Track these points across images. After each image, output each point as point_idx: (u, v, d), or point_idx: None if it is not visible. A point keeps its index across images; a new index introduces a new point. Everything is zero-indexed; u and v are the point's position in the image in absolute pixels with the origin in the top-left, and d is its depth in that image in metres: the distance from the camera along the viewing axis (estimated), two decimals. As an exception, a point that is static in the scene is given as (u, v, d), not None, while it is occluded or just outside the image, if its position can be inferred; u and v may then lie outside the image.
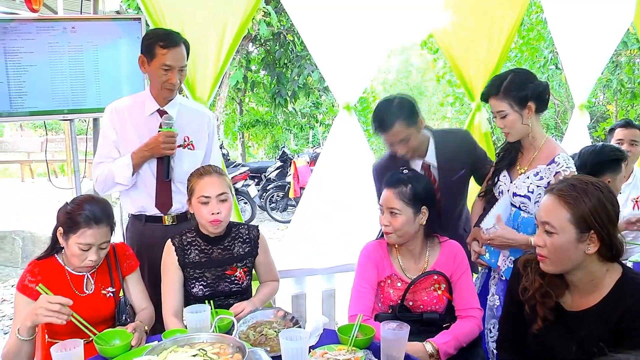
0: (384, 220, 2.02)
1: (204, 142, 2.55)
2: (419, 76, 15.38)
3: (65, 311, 1.67)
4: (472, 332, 1.98)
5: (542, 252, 1.55)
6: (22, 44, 2.99)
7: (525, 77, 2.10)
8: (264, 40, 8.57)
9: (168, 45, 2.29)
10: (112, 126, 2.43)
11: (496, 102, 2.09)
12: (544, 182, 2.07)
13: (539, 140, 2.14)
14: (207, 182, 2.07)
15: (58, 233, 1.92)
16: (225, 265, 2.16)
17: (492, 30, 3.53)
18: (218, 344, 1.53)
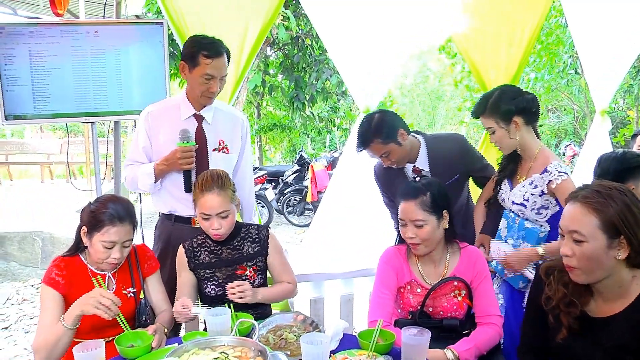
0: (409, 233, 1.96)
1: (238, 145, 2.57)
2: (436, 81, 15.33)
3: (114, 309, 1.72)
4: (493, 339, 1.95)
5: (571, 262, 1.49)
6: (46, 47, 3.04)
7: (510, 94, 2.19)
8: (282, 44, 8.61)
9: (212, 55, 2.29)
10: (146, 131, 2.45)
11: (484, 120, 2.22)
12: (537, 191, 2.18)
13: (532, 151, 2.23)
14: (208, 199, 2.06)
15: (82, 232, 1.94)
16: (235, 265, 2.18)
17: (512, 34, 3.51)
18: (239, 347, 1.53)
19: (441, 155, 2.49)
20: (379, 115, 2.44)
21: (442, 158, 2.49)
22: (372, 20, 3.19)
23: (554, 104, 12.04)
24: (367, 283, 2.99)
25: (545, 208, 2.23)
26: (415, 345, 1.62)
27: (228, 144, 2.52)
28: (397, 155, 2.43)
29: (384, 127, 2.38)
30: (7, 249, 5.67)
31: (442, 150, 2.50)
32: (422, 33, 3.42)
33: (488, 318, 1.98)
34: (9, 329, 4.28)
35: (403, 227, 1.99)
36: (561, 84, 10.18)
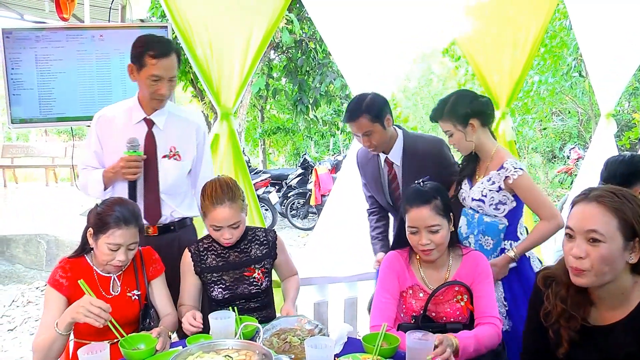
0: (423, 239, 1.93)
1: (191, 152, 2.46)
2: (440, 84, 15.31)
3: (104, 315, 1.72)
4: (492, 338, 1.91)
5: (584, 264, 1.42)
6: (52, 51, 3.06)
7: (466, 98, 2.29)
8: (286, 47, 8.62)
9: (158, 55, 2.19)
10: (97, 134, 2.38)
11: (442, 124, 2.31)
12: (495, 187, 2.27)
13: (489, 151, 2.33)
14: (219, 212, 2.06)
15: (88, 234, 1.96)
16: (242, 267, 2.18)
17: (516, 37, 3.50)
18: (244, 350, 1.53)
19: (416, 153, 2.56)
20: (372, 95, 2.51)
21: (416, 156, 2.55)
22: (375, 23, 3.19)
23: (558, 106, 12.00)
24: (371, 286, 2.99)
25: (502, 203, 2.30)
26: (420, 348, 1.61)
27: (180, 150, 2.41)
28: (379, 138, 2.48)
29: (375, 106, 2.45)
30: (12, 251, 5.69)
31: (418, 149, 2.57)
32: (425, 36, 3.43)
33: (486, 319, 1.95)
34: (14, 330, 4.30)
35: (414, 234, 1.95)
36: (565, 87, 10.14)
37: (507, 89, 3.55)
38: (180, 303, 2.19)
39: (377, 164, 2.68)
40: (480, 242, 2.34)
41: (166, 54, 2.21)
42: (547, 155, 13.77)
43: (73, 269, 1.96)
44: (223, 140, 2.97)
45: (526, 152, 13.07)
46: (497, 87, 3.56)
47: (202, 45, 2.86)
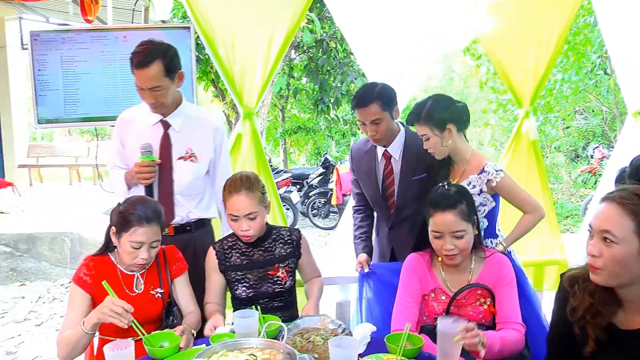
0: (447, 244, 1.91)
1: (208, 154, 2.45)
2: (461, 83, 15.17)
3: (127, 316, 1.74)
4: (517, 343, 1.88)
5: (597, 263, 1.43)
6: (77, 53, 3.11)
7: (443, 103, 2.30)
8: (306, 47, 8.63)
9: (136, 66, 2.17)
10: (118, 135, 2.42)
11: (419, 127, 2.30)
12: (476, 190, 2.28)
13: (465, 155, 2.35)
14: (235, 200, 2.08)
15: (111, 232, 1.98)
16: (267, 266, 2.19)
17: (540, 35, 3.45)
18: (268, 349, 1.53)
19: (416, 149, 2.51)
20: (382, 84, 2.49)
21: (417, 152, 2.50)
22: (397, 22, 3.18)
23: (581, 105, 11.79)
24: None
25: (482, 205, 2.32)
26: (452, 333, 1.60)
27: (196, 152, 2.40)
28: (385, 128, 2.45)
29: (386, 94, 2.43)
30: (38, 249, 5.80)
31: (418, 145, 2.51)
32: (447, 34, 3.38)
33: (510, 325, 1.92)
34: (41, 326, 4.39)
35: (438, 239, 1.93)
36: (589, 85, 9.95)
37: (531, 88, 3.50)
38: (206, 301, 2.20)
39: (373, 158, 2.63)
40: None
41: (145, 64, 2.15)
42: (570, 154, 13.56)
43: (97, 267, 1.99)
44: (245, 139, 2.98)
45: (548, 152, 12.88)
46: (520, 85, 3.51)
47: (225, 45, 2.88)
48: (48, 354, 3.79)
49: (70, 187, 10.10)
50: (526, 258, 3.34)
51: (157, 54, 2.19)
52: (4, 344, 4.03)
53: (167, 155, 2.36)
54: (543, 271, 3.46)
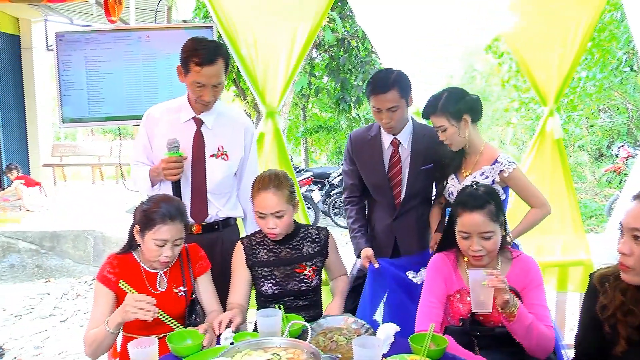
0: (475, 245, 1.89)
1: (239, 152, 2.46)
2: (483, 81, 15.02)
3: (151, 308, 1.75)
4: (547, 336, 1.84)
5: (628, 261, 1.43)
6: (100, 53, 3.14)
7: (458, 94, 2.33)
8: (328, 46, 8.62)
9: (202, 63, 2.17)
10: (146, 132, 2.40)
11: (436, 119, 2.32)
12: (489, 180, 2.33)
13: (478, 146, 2.39)
14: (263, 198, 2.09)
15: (135, 230, 2.00)
16: (294, 264, 2.20)
17: (565, 32, 3.37)
18: (292, 349, 1.53)
19: (425, 138, 2.53)
20: (399, 70, 2.48)
21: (424, 141, 2.52)
22: (419, 20, 3.16)
23: (606, 103, 11.55)
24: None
25: None
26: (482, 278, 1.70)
27: (228, 150, 2.41)
28: (400, 116, 2.44)
29: (404, 81, 2.43)
30: (62, 247, 5.91)
31: (426, 134, 2.55)
32: (469, 32, 3.35)
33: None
34: (66, 322, 4.47)
35: (465, 239, 1.91)
36: (614, 82, 9.75)
37: (555, 85, 3.43)
38: (229, 301, 2.19)
39: (379, 146, 2.57)
40: None
41: (211, 61, 2.17)
42: (594, 153, 13.31)
43: (120, 265, 2.01)
44: (268, 138, 2.99)
45: (572, 150, 12.66)
46: (544, 83, 3.44)
47: (247, 45, 2.89)
48: (72, 349, 3.86)
49: (93, 186, 10.27)
50: (550, 258, 3.30)
51: (220, 50, 2.24)
52: (31, 338, 4.12)
53: (201, 152, 2.36)
54: (567, 272, 3.38)
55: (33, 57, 9.12)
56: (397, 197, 2.56)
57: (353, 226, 2.63)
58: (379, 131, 2.57)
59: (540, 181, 3.33)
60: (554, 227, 3.33)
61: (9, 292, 5.30)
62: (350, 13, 7.80)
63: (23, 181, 7.40)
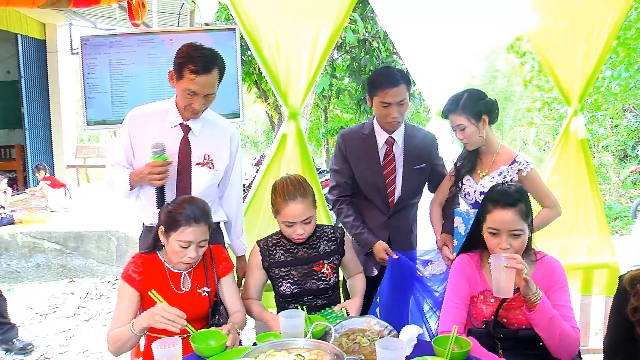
0: (504, 243, 1.87)
1: (224, 161, 2.40)
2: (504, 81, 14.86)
3: (180, 322, 1.76)
4: (571, 336, 1.82)
5: None
6: (124, 56, 3.20)
7: (478, 95, 2.39)
8: (349, 47, 8.60)
9: (197, 71, 2.10)
10: (129, 133, 2.31)
11: (456, 117, 2.37)
12: (506, 180, 2.35)
13: (494, 147, 2.44)
14: (292, 209, 2.10)
15: (159, 231, 2.02)
16: (311, 263, 2.21)
17: (590, 30, 3.31)
18: (315, 350, 1.53)
19: (415, 137, 2.59)
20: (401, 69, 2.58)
21: (416, 140, 2.58)
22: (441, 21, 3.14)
23: (631, 102, 11.30)
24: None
25: None
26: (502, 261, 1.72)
27: (214, 159, 2.34)
28: (407, 109, 2.49)
29: (408, 77, 2.50)
30: (86, 247, 6.00)
31: (417, 134, 2.62)
32: (491, 33, 3.32)
33: None
34: (89, 321, 4.55)
35: (494, 236, 1.90)
36: (640, 82, 9.54)
37: (579, 85, 3.37)
38: (247, 296, 2.25)
39: (374, 144, 2.56)
40: None
41: (206, 70, 2.11)
42: (619, 154, 13.03)
43: (145, 265, 2.03)
44: (290, 139, 3.00)
45: (596, 151, 12.43)
46: (568, 83, 3.39)
47: (270, 46, 2.91)
48: (96, 348, 3.92)
49: (115, 186, 10.39)
50: (574, 261, 3.25)
51: (217, 60, 2.17)
52: (57, 337, 4.19)
53: (187, 160, 2.30)
54: (592, 274, 3.33)
55: (58, 61, 9.30)
56: (390, 196, 2.57)
57: (355, 223, 2.56)
58: (372, 129, 2.58)
59: (564, 182, 3.29)
60: (578, 229, 3.28)
61: (35, 291, 5.41)
62: (372, 14, 7.77)
63: (49, 182, 7.54)
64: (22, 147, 9.26)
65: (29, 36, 8.44)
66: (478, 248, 2.03)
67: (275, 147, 3.07)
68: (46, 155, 9.46)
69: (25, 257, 5.97)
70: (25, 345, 3.83)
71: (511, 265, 1.73)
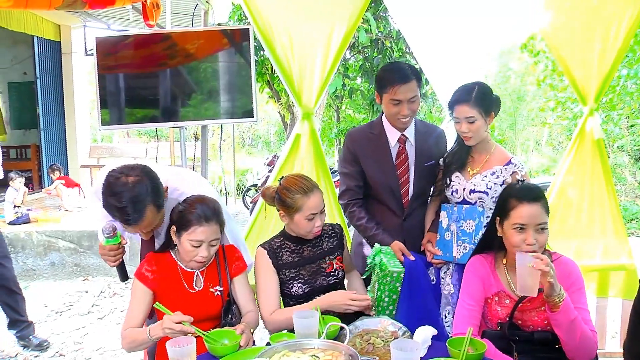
0: (531, 238, 1.84)
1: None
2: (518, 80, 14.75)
3: (189, 330, 1.78)
4: (591, 341, 1.80)
5: None
6: (138, 57, 3.21)
7: (489, 89, 2.34)
8: (361, 47, 8.57)
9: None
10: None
11: (467, 109, 2.27)
12: (499, 180, 2.31)
13: (490, 146, 2.39)
14: (313, 200, 2.11)
15: (171, 231, 2.02)
16: (318, 261, 2.22)
17: (607, 28, 3.27)
18: (330, 350, 1.53)
19: (427, 134, 2.53)
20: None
21: (427, 137, 2.52)
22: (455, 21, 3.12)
23: (648, 102, 11.16)
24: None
25: None
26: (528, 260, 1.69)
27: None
28: (417, 107, 2.40)
29: (419, 74, 2.41)
30: (99, 246, 6.05)
31: (427, 130, 2.56)
32: (504, 32, 3.29)
33: None
34: (103, 319, 4.59)
35: (520, 232, 1.86)
36: (658, 81, 9.40)
37: (595, 84, 3.33)
38: (263, 301, 2.18)
39: (385, 143, 2.48)
40: (462, 227, 2.35)
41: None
42: (635, 154, 12.86)
43: (158, 263, 2.05)
44: (304, 140, 3.00)
45: (611, 151, 12.29)
46: (583, 81, 3.35)
47: (283, 46, 2.91)
48: (110, 345, 3.96)
49: (129, 186, 10.47)
50: (590, 262, 3.20)
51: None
52: (71, 334, 4.24)
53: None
54: (608, 277, 3.29)
55: (72, 62, 9.40)
56: (404, 196, 2.49)
57: (368, 225, 2.47)
58: (382, 128, 2.48)
59: (580, 182, 3.25)
60: (594, 231, 3.24)
61: (50, 289, 5.48)
62: (384, 13, 7.74)
63: (63, 181, 7.62)
64: (37, 147, 9.37)
65: (44, 38, 8.54)
66: (492, 249, 2.01)
67: (289, 148, 3.07)
68: (61, 155, 9.56)
69: (41, 255, 6.04)
70: (42, 341, 3.90)
71: (537, 266, 1.70)
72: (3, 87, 10.10)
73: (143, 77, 3.25)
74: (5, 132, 10.10)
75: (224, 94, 3.19)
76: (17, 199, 6.63)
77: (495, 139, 14.50)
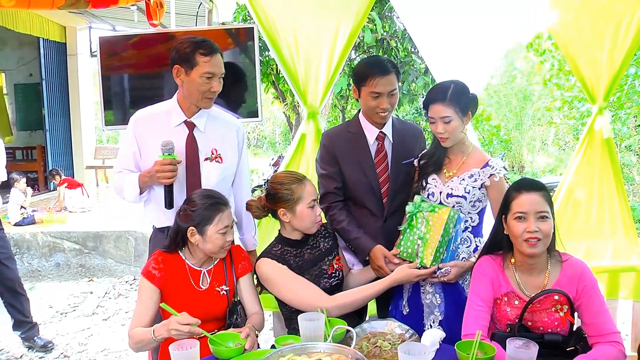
0: (532, 226, 1.82)
1: (233, 154, 2.40)
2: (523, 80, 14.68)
3: (196, 330, 1.78)
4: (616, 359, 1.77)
5: None
6: (142, 57, 3.20)
7: (465, 88, 2.23)
8: (367, 47, 8.54)
9: (209, 53, 2.17)
10: (135, 137, 2.31)
11: (443, 108, 2.17)
12: (477, 184, 2.22)
13: (467, 147, 2.29)
14: (310, 187, 2.15)
15: (189, 234, 2.00)
16: (319, 262, 2.19)
17: (617, 26, 3.23)
18: (336, 354, 1.50)
19: (403, 131, 2.47)
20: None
21: (404, 134, 2.46)
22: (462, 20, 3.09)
23: (656, 101, 11.07)
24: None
25: (479, 201, 2.25)
26: (522, 359, 1.52)
27: (221, 153, 2.34)
28: (396, 101, 2.35)
29: (397, 68, 2.36)
30: (104, 247, 6.06)
31: (404, 128, 2.50)
32: (510, 29, 3.25)
33: (606, 337, 1.80)
34: (108, 320, 4.58)
35: (521, 220, 1.84)
36: (666, 82, 9.31)
37: (605, 82, 3.29)
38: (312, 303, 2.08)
39: (364, 142, 2.41)
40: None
41: (216, 51, 2.21)
42: (643, 154, 12.78)
43: (166, 262, 2.04)
44: (310, 139, 2.99)
45: (618, 150, 12.20)
46: (592, 80, 3.31)
47: (288, 45, 2.90)
48: (114, 347, 3.94)
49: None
50: (599, 263, 3.16)
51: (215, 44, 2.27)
52: (76, 335, 4.24)
53: (195, 156, 2.30)
54: (618, 278, 3.24)
55: (78, 63, 9.43)
56: (384, 196, 2.40)
57: (348, 228, 2.35)
58: (360, 127, 2.42)
59: (589, 182, 3.21)
60: (604, 231, 3.20)
61: (55, 290, 5.48)
62: (390, 13, 7.71)
63: (66, 184, 7.63)
64: (42, 149, 9.40)
65: (50, 39, 8.57)
66: (501, 250, 1.98)
67: (294, 147, 3.06)
68: (66, 157, 9.59)
69: (46, 256, 6.06)
70: (46, 343, 3.90)
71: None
72: (9, 89, 10.14)
73: (147, 77, 3.24)
74: (11, 133, 10.15)
75: (231, 92, 3.17)
76: (25, 200, 6.66)
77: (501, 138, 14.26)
